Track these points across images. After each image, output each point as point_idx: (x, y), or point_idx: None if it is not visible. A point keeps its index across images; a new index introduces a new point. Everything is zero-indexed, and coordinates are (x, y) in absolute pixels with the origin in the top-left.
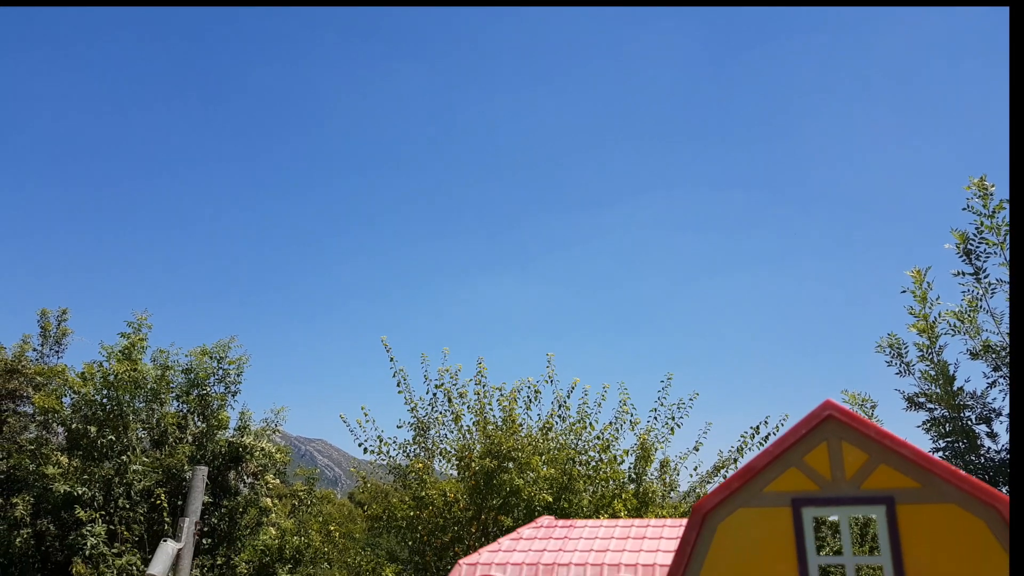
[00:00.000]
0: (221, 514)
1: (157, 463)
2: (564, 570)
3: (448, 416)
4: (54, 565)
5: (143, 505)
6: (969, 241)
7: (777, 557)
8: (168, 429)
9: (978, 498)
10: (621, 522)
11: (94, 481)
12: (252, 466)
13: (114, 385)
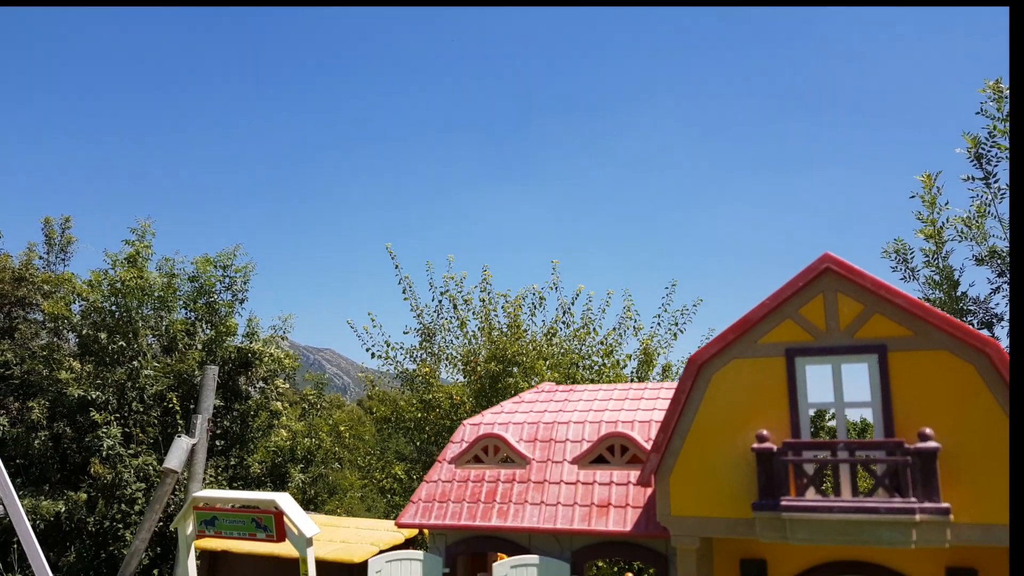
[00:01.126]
0: (233, 417)
1: (168, 368)
2: (564, 428)
3: (454, 322)
4: (72, 466)
5: (156, 409)
6: (980, 145)
7: (770, 405)
8: (177, 336)
9: (969, 343)
10: (620, 386)
11: (107, 385)
12: (262, 371)
13: (121, 292)
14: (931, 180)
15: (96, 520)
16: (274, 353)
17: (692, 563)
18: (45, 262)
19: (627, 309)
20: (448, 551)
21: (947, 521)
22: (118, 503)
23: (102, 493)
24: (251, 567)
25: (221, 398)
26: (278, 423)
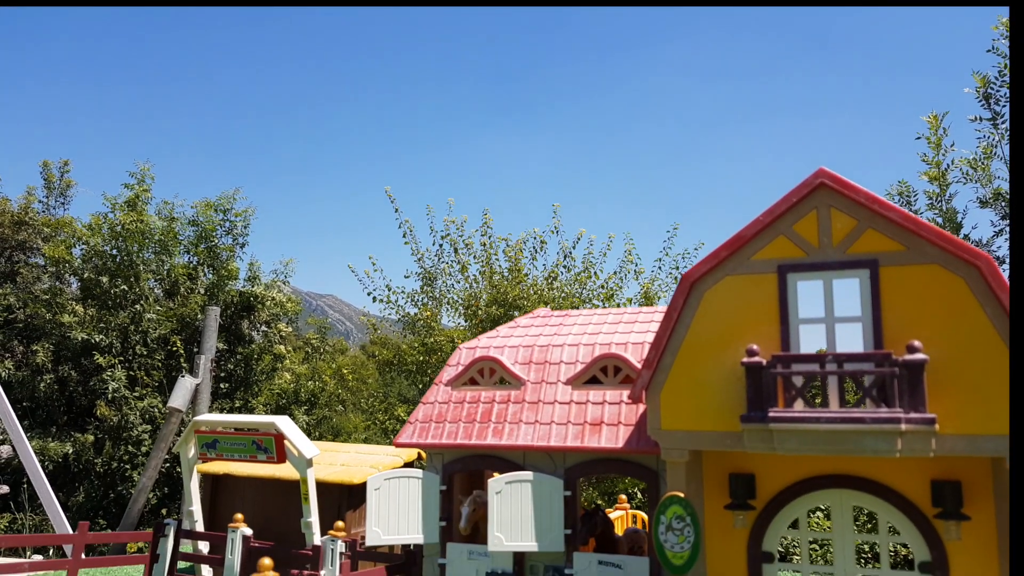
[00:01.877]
0: (237, 360)
1: (171, 312)
2: (558, 350)
3: (455, 266)
4: (79, 408)
5: (160, 352)
6: (990, 85)
7: (760, 321)
8: (179, 280)
9: (960, 257)
10: (615, 311)
11: (110, 329)
12: (264, 315)
13: (122, 236)
14: (937, 121)
15: (104, 461)
16: (276, 297)
17: (681, 476)
18: (44, 206)
19: (628, 253)
20: (445, 469)
21: (932, 431)
22: (125, 444)
23: (109, 435)
24: (253, 489)
25: (224, 341)
26: (282, 366)
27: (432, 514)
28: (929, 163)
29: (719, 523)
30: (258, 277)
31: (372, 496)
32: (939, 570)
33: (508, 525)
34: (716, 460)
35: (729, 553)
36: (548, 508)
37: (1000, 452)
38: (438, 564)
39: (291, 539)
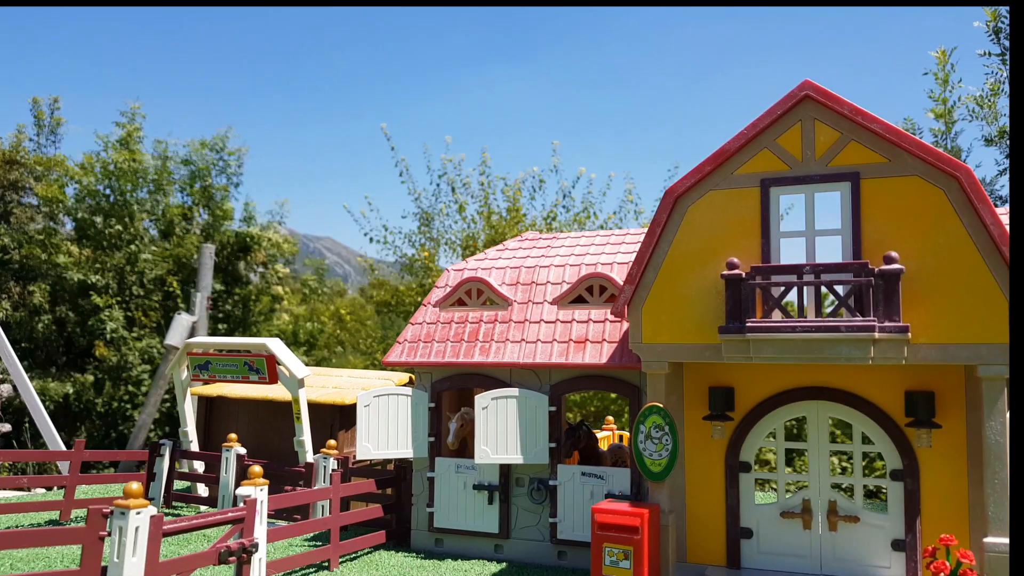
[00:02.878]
0: (234, 301)
1: (167, 253)
2: (545, 271)
3: (452, 206)
4: (78, 349)
5: (157, 293)
6: (1000, 18)
7: (742, 235)
8: (174, 220)
9: (940, 168)
10: (603, 232)
11: (107, 270)
12: (261, 256)
13: (115, 175)
14: (945, 56)
15: (104, 401)
16: (272, 238)
17: (661, 387)
18: (35, 144)
19: (628, 193)
20: (433, 388)
21: (905, 339)
22: (124, 384)
23: (108, 375)
24: (246, 411)
25: (221, 282)
26: (279, 307)
27: (421, 430)
28: (936, 100)
29: (698, 435)
30: (253, 217)
31: (362, 413)
32: (910, 477)
33: (494, 439)
34: (697, 374)
35: (708, 463)
36: (533, 423)
37: (972, 360)
38: (427, 478)
39: (284, 458)
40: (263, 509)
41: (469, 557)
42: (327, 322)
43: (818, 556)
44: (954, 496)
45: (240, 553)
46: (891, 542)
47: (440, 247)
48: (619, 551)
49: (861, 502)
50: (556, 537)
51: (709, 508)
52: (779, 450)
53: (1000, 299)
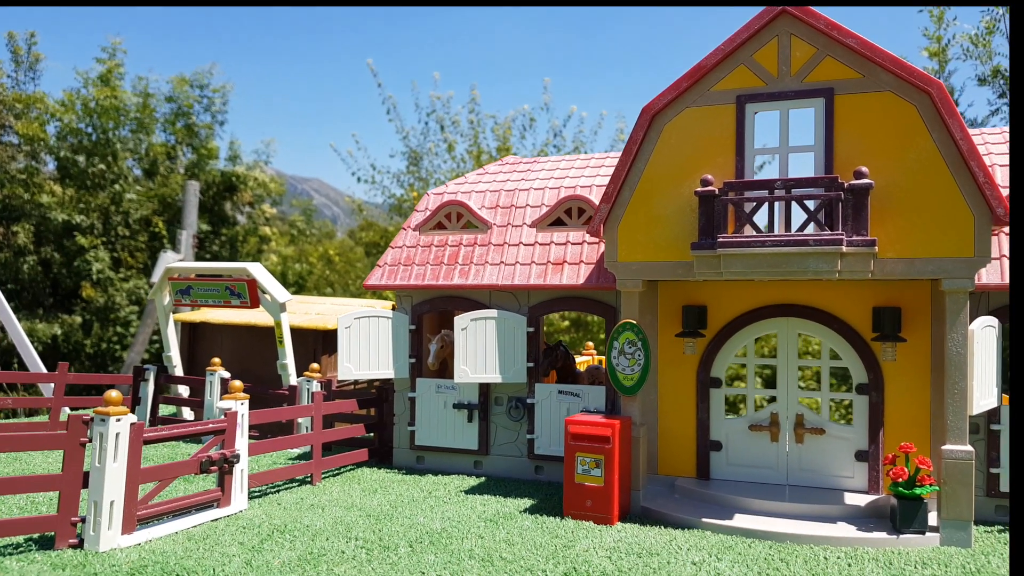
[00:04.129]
0: (222, 242)
1: (151, 193)
2: (524, 194)
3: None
4: (64, 290)
5: (143, 233)
6: None
7: (717, 153)
8: (158, 159)
9: (913, 83)
10: (583, 155)
11: (91, 210)
12: (247, 196)
13: (96, 113)
14: None
15: (93, 342)
16: (258, 177)
17: (635, 305)
18: (14, 80)
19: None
20: (414, 310)
21: (872, 253)
22: (113, 325)
23: (96, 316)
24: (229, 336)
25: (208, 222)
26: (267, 248)
27: (402, 352)
28: (930, 38)
29: (672, 352)
30: (239, 157)
31: (343, 334)
32: (875, 390)
33: (473, 359)
34: (671, 293)
35: (680, 379)
36: (511, 343)
37: (937, 274)
38: (408, 398)
39: (268, 382)
40: (244, 422)
41: (449, 473)
42: (316, 263)
43: (784, 467)
44: (916, 408)
45: (222, 463)
46: (855, 453)
47: (429, 187)
48: (591, 460)
49: (827, 415)
50: (533, 453)
51: (681, 422)
52: (749, 365)
53: (966, 214)
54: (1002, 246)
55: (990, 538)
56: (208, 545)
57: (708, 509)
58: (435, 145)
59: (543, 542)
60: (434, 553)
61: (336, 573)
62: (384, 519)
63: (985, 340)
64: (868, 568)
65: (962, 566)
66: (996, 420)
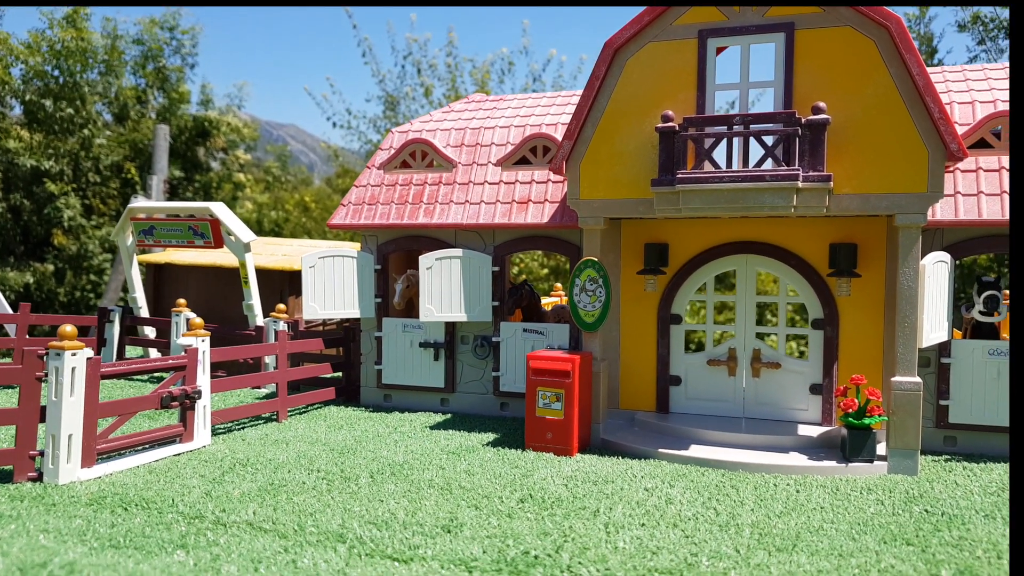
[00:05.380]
0: (195, 189)
1: (122, 138)
2: (490, 132)
3: (418, 89)
4: (36, 238)
5: (115, 180)
6: None
7: (679, 89)
8: (128, 103)
9: (872, 18)
10: (550, 93)
11: (60, 156)
12: (220, 141)
13: (63, 55)
14: None
15: (66, 291)
16: (232, 122)
17: (597, 243)
18: None
19: None
20: (379, 250)
21: (827, 188)
22: (86, 274)
23: (69, 264)
24: (195, 277)
25: (181, 168)
26: (242, 195)
27: (368, 291)
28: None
29: (634, 289)
30: (211, 101)
31: (307, 274)
32: (830, 325)
33: (439, 298)
34: (634, 231)
35: (642, 316)
36: (477, 282)
37: (891, 209)
38: (375, 337)
39: (234, 322)
40: (205, 359)
41: (416, 410)
42: (292, 211)
43: (741, 401)
44: (870, 342)
45: (183, 399)
46: (810, 386)
47: None
48: (551, 394)
49: (784, 350)
50: (499, 390)
51: (642, 358)
52: (708, 302)
53: (920, 150)
54: (957, 183)
55: (936, 467)
56: (169, 477)
57: (665, 440)
58: (412, 89)
59: (502, 472)
60: (394, 483)
61: (295, 502)
62: (347, 453)
63: (937, 275)
64: (815, 494)
65: (906, 492)
66: (947, 354)
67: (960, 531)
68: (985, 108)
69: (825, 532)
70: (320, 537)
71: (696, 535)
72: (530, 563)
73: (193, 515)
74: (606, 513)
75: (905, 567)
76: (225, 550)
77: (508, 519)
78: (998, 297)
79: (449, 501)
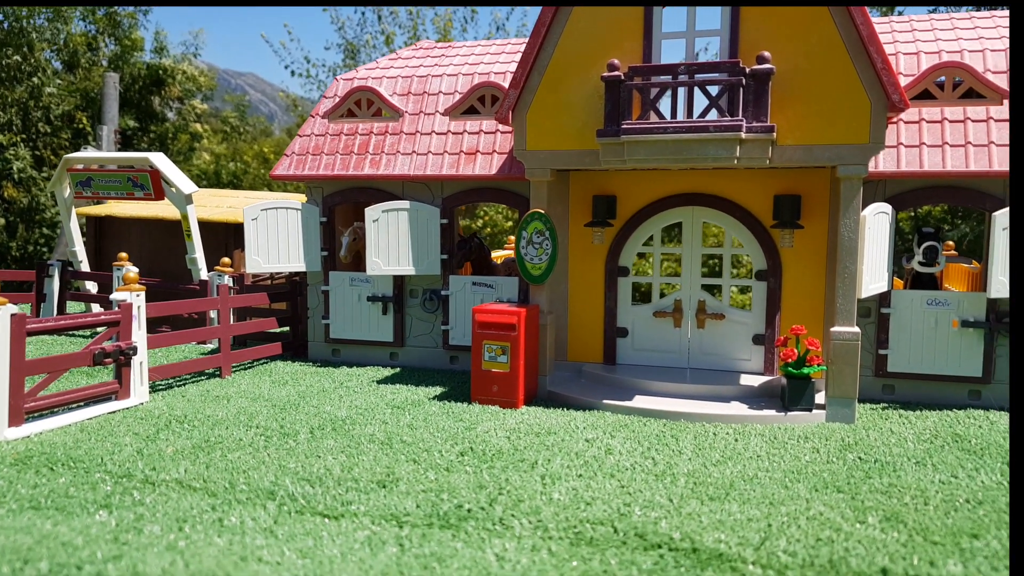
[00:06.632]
0: (150, 139)
1: (72, 87)
2: (437, 81)
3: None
4: None
5: (66, 131)
6: None
7: (626, 36)
8: (78, 51)
9: None
10: (500, 40)
11: (8, 105)
12: (175, 90)
13: None
14: None
15: (19, 245)
16: (187, 71)
17: (543, 195)
18: None
19: None
20: (325, 202)
21: (770, 139)
22: (39, 227)
23: (20, 218)
24: (137, 230)
25: (135, 119)
26: (199, 146)
27: (313, 244)
28: None
29: (582, 242)
30: (166, 48)
31: (250, 226)
32: (773, 276)
33: (386, 251)
34: (582, 183)
35: (590, 269)
36: (425, 235)
37: (833, 161)
38: (321, 291)
39: (178, 277)
40: (141, 314)
41: (365, 365)
42: (251, 162)
43: (686, 352)
44: (812, 293)
45: (117, 355)
46: (753, 337)
47: None
48: (497, 347)
49: (728, 301)
50: (448, 343)
51: (590, 311)
52: (655, 254)
53: (863, 100)
54: (900, 134)
55: (874, 415)
56: (101, 436)
57: (611, 392)
58: (372, 37)
59: (446, 425)
60: (334, 438)
61: (229, 460)
62: (289, 408)
63: (877, 226)
64: (753, 442)
65: (841, 440)
66: (887, 304)
67: (891, 478)
68: (930, 59)
69: (759, 480)
70: (251, 495)
71: (632, 485)
72: (462, 516)
73: (121, 474)
74: (544, 465)
75: (833, 514)
76: (150, 509)
77: (446, 473)
78: (937, 248)
79: (388, 456)
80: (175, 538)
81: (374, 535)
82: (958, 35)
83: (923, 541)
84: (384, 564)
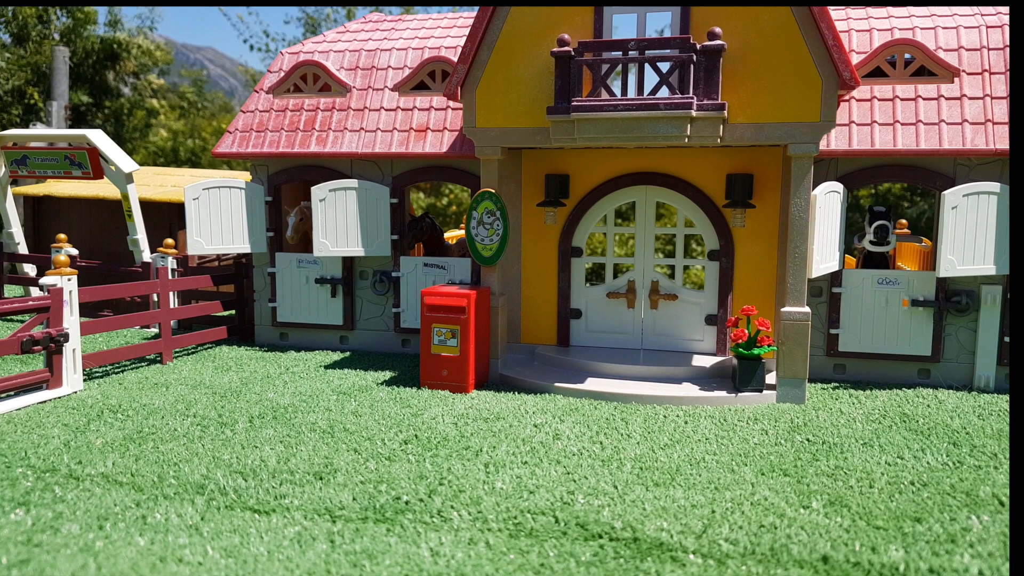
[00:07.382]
0: (105, 115)
1: (23, 61)
2: (387, 55)
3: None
4: None
5: (16, 106)
6: None
7: (576, 10)
8: (28, 23)
9: None
10: (451, 14)
11: None
12: (131, 65)
13: None
14: None
15: None
16: (143, 44)
17: (494, 173)
18: None
19: None
20: (270, 181)
21: (721, 117)
22: None
23: None
24: (77, 211)
25: (88, 94)
26: (156, 123)
27: (258, 225)
28: None
29: (534, 222)
30: (120, 22)
31: (191, 206)
32: (725, 256)
33: (334, 232)
34: (534, 162)
35: (543, 249)
36: (375, 215)
37: (784, 139)
38: (268, 273)
39: (120, 258)
40: (72, 299)
41: (313, 349)
42: (210, 139)
43: (640, 333)
44: (764, 273)
45: (47, 343)
46: (705, 317)
47: None
48: (447, 330)
49: (681, 282)
50: (400, 326)
51: (543, 292)
52: (608, 234)
53: (814, 78)
54: (851, 113)
55: (824, 395)
56: (28, 427)
57: (563, 374)
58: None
59: (392, 412)
60: (274, 427)
61: (161, 451)
62: (230, 396)
63: (828, 205)
64: (703, 424)
65: (791, 421)
66: (838, 283)
67: (837, 460)
68: (882, 36)
69: (706, 464)
70: (179, 489)
71: (577, 472)
72: (399, 509)
73: (45, 468)
74: (489, 452)
75: (778, 499)
76: (70, 506)
77: (387, 462)
78: (888, 227)
79: (328, 445)
80: (93, 538)
81: (305, 531)
82: (910, 11)
83: (866, 526)
84: (312, 562)
